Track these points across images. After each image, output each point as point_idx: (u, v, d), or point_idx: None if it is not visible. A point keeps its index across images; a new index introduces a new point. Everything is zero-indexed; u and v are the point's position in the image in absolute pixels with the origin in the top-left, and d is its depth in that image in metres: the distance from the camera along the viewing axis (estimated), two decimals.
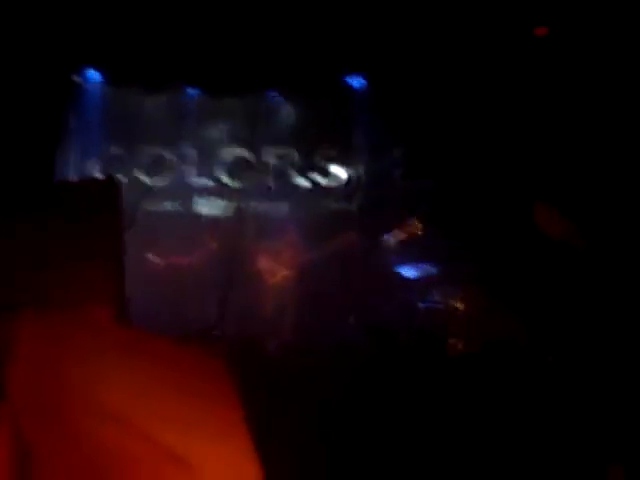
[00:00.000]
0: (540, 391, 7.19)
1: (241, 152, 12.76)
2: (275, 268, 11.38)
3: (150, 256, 11.47)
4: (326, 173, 12.94)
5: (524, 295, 9.46)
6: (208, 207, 12.86)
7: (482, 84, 11.48)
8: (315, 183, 12.87)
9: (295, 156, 12.93)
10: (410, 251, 11.05)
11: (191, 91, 12.68)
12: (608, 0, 9.69)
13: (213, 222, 12.50)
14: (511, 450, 6.57)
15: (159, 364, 2.63)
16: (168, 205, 12.71)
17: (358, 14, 10.81)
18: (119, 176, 10.56)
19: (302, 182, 12.81)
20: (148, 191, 12.10)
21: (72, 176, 11.96)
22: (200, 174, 12.95)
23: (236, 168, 12.74)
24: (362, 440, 6.58)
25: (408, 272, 10.96)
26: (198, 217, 12.78)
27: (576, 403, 6.54)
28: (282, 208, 12.76)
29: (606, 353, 6.16)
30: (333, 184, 12.96)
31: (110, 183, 5.31)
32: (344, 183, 12.90)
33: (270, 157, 12.97)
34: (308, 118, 12.62)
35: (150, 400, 2.46)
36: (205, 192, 12.90)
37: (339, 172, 12.89)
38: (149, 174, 12.59)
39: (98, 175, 12.20)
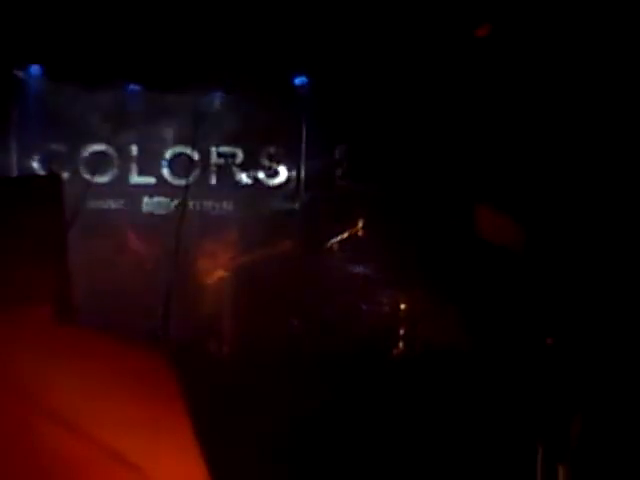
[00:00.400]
0: (479, 393, 7.25)
1: (184, 150, 12.68)
2: (216, 267, 11.33)
3: (93, 254, 11.36)
4: (269, 172, 12.91)
5: (465, 298, 9.52)
6: (151, 205, 12.78)
7: (424, 85, 11.54)
8: (258, 182, 12.84)
9: (239, 154, 12.90)
10: (352, 252, 11.07)
11: (134, 88, 12.56)
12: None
13: (156, 220, 12.42)
14: (448, 451, 6.63)
15: (104, 364, 2.61)
16: (111, 203, 12.61)
17: (302, 13, 10.81)
18: (61, 173, 10.41)
19: (245, 180, 12.76)
20: (90, 188, 11.96)
21: (13, 172, 11.81)
22: (142, 172, 12.85)
23: (179, 166, 12.66)
24: (303, 437, 6.59)
25: (350, 272, 10.97)
26: (141, 215, 12.69)
27: (512, 404, 6.60)
28: (225, 206, 12.71)
29: (546, 357, 6.23)
30: (276, 183, 12.94)
31: (52, 180, 5.26)
32: (287, 182, 12.88)
33: (213, 155, 12.93)
34: (252, 117, 12.56)
35: (96, 402, 2.44)
36: (148, 190, 12.81)
37: (282, 171, 12.88)
38: (91, 171, 12.46)
39: (40, 172, 12.07)
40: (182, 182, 12.12)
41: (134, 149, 12.79)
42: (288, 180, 12.87)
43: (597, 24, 9.42)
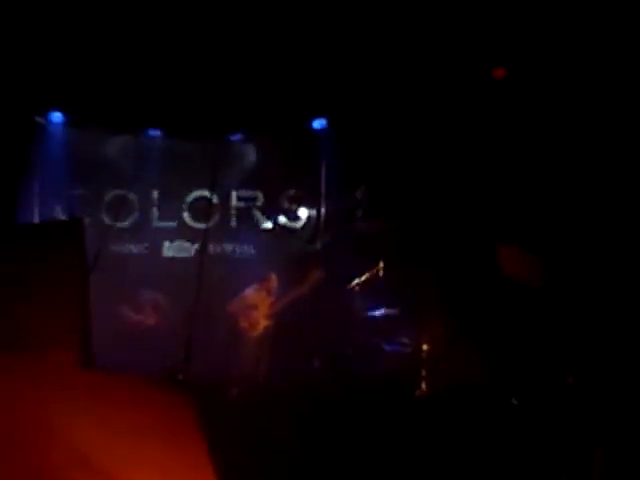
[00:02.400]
0: (503, 432, 7.21)
1: (204, 193, 12.74)
2: (239, 311, 11.32)
3: (115, 299, 11.40)
4: (290, 214, 12.94)
5: (488, 337, 9.48)
6: (172, 249, 12.82)
7: (442, 126, 11.57)
8: (279, 224, 12.86)
9: (259, 198, 12.95)
10: (374, 292, 11.05)
11: (154, 133, 12.66)
12: (565, 43, 9.81)
13: (177, 264, 12.45)
14: None
15: (125, 407, 2.62)
16: (132, 247, 12.66)
17: (320, 58, 10.87)
18: (83, 218, 10.50)
19: (266, 223, 12.80)
20: (112, 233, 12.03)
21: (35, 218, 11.90)
22: (163, 216, 12.92)
23: (199, 210, 12.71)
24: None
25: (372, 313, 10.94)
26: (162, 259, 12.74)
27: (537, 444, 6.56)
28: (246, 249, 12.75)
29: (569, 393, 6.21)
30: (297, 225, 12.97)
31: (74, 224, 5.30)
32: (308, 224, 12.91)
33: (234, 199, 12.98)
34: (271, 160, 12.64)
35: (115, 443, 2.45)
36: (169, 234, 12.86)
37: (303, 213, 12.91)
38: (112, 216, 12.55)
39: (61, 217, 12.15)
40: (203, 226, 12.18)
41: (155, 193, 12.86)
42: (309, 222, 12.90)
43: (610, 65, 9.47)
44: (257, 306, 11.31)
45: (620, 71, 9.45)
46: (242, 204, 13.01)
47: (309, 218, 12.89)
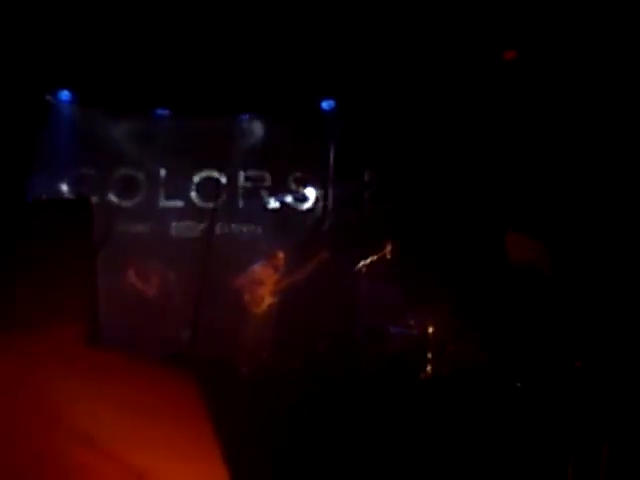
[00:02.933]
0: (509, 416, 7.21)
1: (212, 174, 12.74)
2: (248, 289, 11.33)
3: (122, 277, 11.43)
4: (297, 195, 12.94)
5: (494, 320, 9.49)
6: (179, 228, 12.84)
7: (452, 109, 11.54)
8: (287, 205, 12.87)
9: (267, 178, 12.95)
10: (380, 274, 11.05)
11: (162, 112, 12.65)
12: (574, 28, 9.77)
13: (184, 243, 12.46)
14: (477, 474, 6.59)
15: (130, 385, 2.63)
16: (139, 226, 12.67)
17: (330, 39, 10.84)
18: (90, 196, 10.49)
19: (274, 204, 12.80)
20: (119, 212, 12.05)
21: (44, 196, 11.90)
22: (171, 195, 12.92)
23: (207, 189, 12.71)
24: (334, 462, 6.57)
25: (379, 296, 10.95)
26: (169, 238, 12.75)
27: (544, 428, 6.56)
28: (253, 229, 12.75)
29: (574, 378, 6.20)
30: (304, 206, 12.97)
31: (82, 203, 5.31)
32: (315, 205, 12.90)
33: (241, 179, 12.98)
34: (279, 141, 12.62)
35: (123, 422, 2.45)
36: (176, 213, 12.87)
37: (310, 194, 12.90)
38: (120, 195, 12.56)
39: (70, 195, 12.16)
40: (210, 206, 12.19)
41: (162, 173, 12.86)
42: (316, 203, 12.89)
43: (621, 50, 9.43)
44: (263, 282, 11.31)
45: (630, 57, 9.41)
46: (249, 184, 13.01)
47: (316, 199, 12.88)
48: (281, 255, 11.42)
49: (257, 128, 12.81)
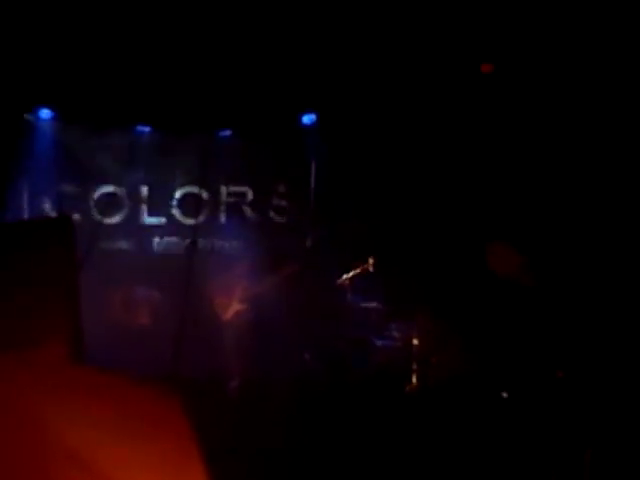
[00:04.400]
0: (494, 426, 7.23)
1: (194, 189, 12.73)
2: (229, 305, 11.32)
3: (106, 296, 11.39)
4: (279, 210, 12.96)
5: (478, 331, 9.52)
6: (162, 245, 12.81)
7: (433, 122, 11.59)
8: (269, 220, 12.88)
9: (249, 193, 12.95)
10: (364, 287, 11.07)
11: (143, 129, 12.64)
12: (552, 39, 9.84)
13: (167, 260, 12.43)
14: None
15: (116, 405, 2.63)
16: (122, 243, 12.64)
17: (309, 53, 10.88)
18: (72, 214, 10.47)
19: (256, 219, 12.81)
20: (101, 229, 12.01)
21: (25, 215, 11.87)
22: (153, 212, 12.90)
23: (189, 206, 12.70)
24: (323, 474, 6.58)
25: (363, 308, 10.97)
26: (152, 255, 12.72)
27: (528, 437, 6.59)
28: (236, 245, 12.74)
29: (558, 387, 6.24)
30: (287, 221, 12.98)
31: (63, 221, 5.29)
32: (298, 220, 12.91)
33: (223, 194, 12.98)
34: (261, 155, 12.63)
35: (109, 442, 2.45)
36: (158, 230, 12.84)
37: (292, 209, 12.92)
38: (102, 212, 12.53)
39: (51, 214, 12.13)
40: (193, 222, 12.18)
41: (144, 190, 12.84)
42: (298, 217, 12.90)
43: (598, 61, 9.50)
44: (230, 288, 11.31)
45: (607, 67, 9.48)
46: (232, 200, 13.00)
47: (299, 214, 12.89)
48: (247, 263, 11.44)
49: (238, 143, 12.80)
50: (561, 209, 9.15)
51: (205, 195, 12.65)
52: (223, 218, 13.00)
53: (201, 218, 12.53)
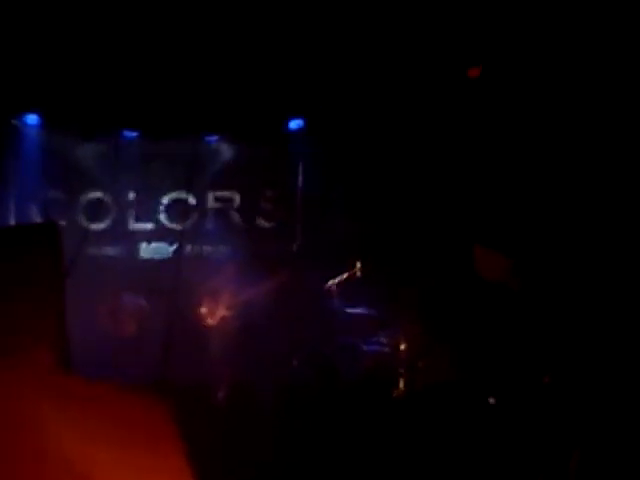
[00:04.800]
0: (481, 431, 7.24)
1: (181, 195, 12.72)
2: (216, 310, 11.30)
3: (93, 303, 11.33)
4: (266, 215, 12.96)
5: (465, 336, 9.53)
6: (149, 250, 12.79)
7: (419, 126, 11.61)
8: (256, 225, 12.88)
9: (236, 198, 12.94)
10: (351, 292, 11.07)
11: (130, 134, 12.63)
12: (540, 43, 9.87)
13: (154, 266, 12.40)
14: None
15: (104, 414, 2.62)
16: (109, 249, 12.61)
17: (296, 58, 10.89)
18: (58, 220, 10.44)
19: (243, 224, 12.81)
20: (88, 235, 11.98)
21: (10, 221, 11.83)
22: (140, 218, 12.89)
23: (176, 211, 12.68)
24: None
25: (350, 313, 10.97)
26: (139, 260, 12.70)
27: (515, 443, 6.60)
28: (223, 250, 12.73)
29: (545, 392, 6.25)
30: (274, 226, 12.98)
31: (50, 228, 5.28)
32: (284, 224, 12.91)
33: (210, 200, 12.97)
34: (248, 161, 12.64)
35: (96, 450, 2.44)
36: (146, 235, 12.83)
37: (279, 214, 12.92)
38: (89, 218, 12.50)
39: (37, 220, 12.09)
40: (180, 227, 12.17)
41: (131, 195, 12.82)
42: (285, 223, 12.90)
43: (585, 64, 9.54)
44: (217, 294, 11.30)
45: (595, 69, 9.51)
46: (219, 205, 13.00)
47: (286, 219, 12.89)
48: (233, 267, 11.43)
49: (225, 149, 12.81)
50: (548, 212, 9.17)
51: (192, 200, 12.63)
52: (210, 223, 12.99)
53: (188, 223, 12.52)
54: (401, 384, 9.84)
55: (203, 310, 11.32)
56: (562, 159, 9.65)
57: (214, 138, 12.75)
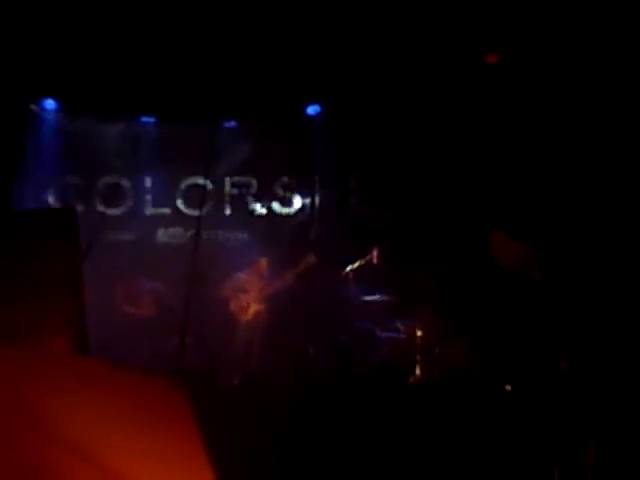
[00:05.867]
0: (497, 418, 7.22)
1: (198, 180, 12.71)
2: (234, 297, 11.30)
3: (110, 287, 11.35)
4: (284, 201, 12.95)
5: (481, 323, 9.51)
6: (166, 236, 12.80)
7: (437, 113, 11.57)
8: (273, 211, 12.87)
9: (253, 184, 12.94)
10: (368, 279, 11.05)
11: (147, 120, 12.63)
12: (557, 30, 9.82)
13: (171, 251, 12.42)
14: (465, 477, 6.60)
15: (119, 396, 2.62)
16: (126, 234, 12.62)
17: (314, 44, 10.85)
18: (76, 205, 10.45)
19: (260, 210, 12.79)
20: (105, 220, 12.00)
21: (29, 206, 11.86)
22: (157, 203, 12.90)
23: (193, 197, 12.67)
24: (327, 468, 6.57)
25: (366, 300, 10.96)
26: (156, 246, 12.71)
27: (531, 431, 6.58)
28: (240, 236, 12.73)
29: (562, 378, 6.22)
30: (291, 212, 12.98)
31: (67, 213, 5.29)
32: (302, 211, 12.91)
33: (228, 185, 12.97)
34: (265, 147, 12.61)
35: (112, 433, 2.45)
36: (163, 221, 12.84)
37: (297, 200, 12.91)
38: (106, 203, 12.52)
39: (55, 205, 12.12)
40: (197, 213, 12.17)
41: (148, 180, 12.83)
42: (303, 209, 12.90)
43: (602, 52, 9.48)
44: (247, 290, 11.28)
45: (611, 60, 9.46)
46: (236, 191, 13.00)
47: (303, 205, 12.88)
48: (264, 262, 11.39)
49: (242, 134, 12.79)
50: (568, 200, 9.12)
51: (209, 186, 12.62)
52: (227, 209, 12.99)
53: (205, 209, 12.52)
54: (417, 371, 9.83)
55: (234, 306, 11.28)
56: (582, 145, 9.60)
57: (231, 123, 12.74)
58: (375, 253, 10.92)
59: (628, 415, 5.75)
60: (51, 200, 12.25)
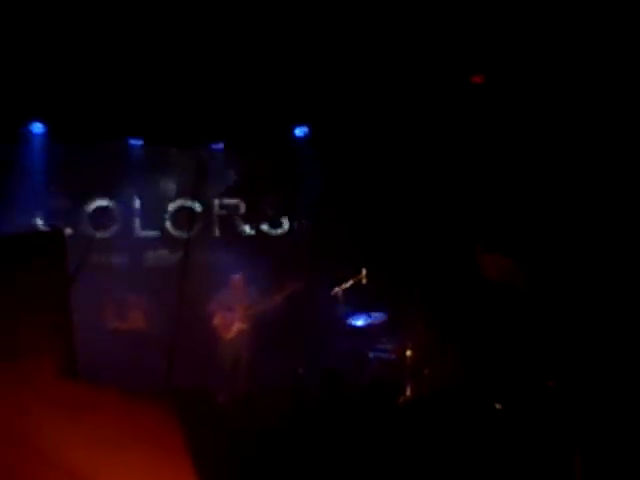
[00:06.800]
0: (487, 436, 7.23)
1: (186, 202, 12.72)
2: (232, 324, 11.30)
3: (97, 308, 11.33)
4: (272, 222, 12.97)
5: (470, 342, 9.52)
6: (154, 258, 12.79)
7: (421, 131, 11.62)
8: (261, 232, 12.88)
9: (241, 206, 12.96)
10: (357, 299, 11.06)
11: (135, 142, 12.63)
12: (541, 50, 9.88)
13: (161, 273, 12.39)
14: None
15: (109, 419, 2.62)
16: (116, 257, 12.60)
17: (302, 66, 10.89)
18: (64, 229, 10.43)
19: (248, 231, 12.81)
20: (93, 243, 11.97)
21: (17, 228, 11.82)
22: (146, 225, 12.88)
23: (182, 219, 12.68)
24: None
25: (356, 320, 10.95)
26: (146, 268, 12.69)
27: (521, 447, 6.59)
28: (228, 257, 12.72)
29: (550, 396, 6.24)
30: (279, 233, 12.99)
31: (55, 235, 5.28)
32: (290, 231, 12.93)
33: (216, 207, 12.98)
34: (253, 168, 12.65)
35: (103, 455, 2.45)
36: (151, 243, 12.82)
37: (285, 220, 12.94)
38: (94, 226, 12.50)
39: (43, 227, 12.09)
40: (185, 235, 12.17)
41: (137, 203, 12.82)
42: (291, 230, 12.91)
43: (585, 73, 9.56)
44: (231, 307, 11.30)
45: (595, 75, 9.53)
46: (224, 212, 13.00)
47: (291, 225, 12.90)
48: (238, 277, 11.42)
49: (230, 156, 12.81)
50: (554, 215, 9.17)
51: (198, 208, 12.63)
52: (216, 231, 13.00)
53: (194, 231, 12.52)
54: (407, 391, 9.83)
55: (218, 324, 11.31)
56: (564, 159, 9.66)
57: (219, 146, 12.76)
58: (364, 273, 10.92)
59: (615, 430, 5.76)
60: (39, 223, 12.22)
